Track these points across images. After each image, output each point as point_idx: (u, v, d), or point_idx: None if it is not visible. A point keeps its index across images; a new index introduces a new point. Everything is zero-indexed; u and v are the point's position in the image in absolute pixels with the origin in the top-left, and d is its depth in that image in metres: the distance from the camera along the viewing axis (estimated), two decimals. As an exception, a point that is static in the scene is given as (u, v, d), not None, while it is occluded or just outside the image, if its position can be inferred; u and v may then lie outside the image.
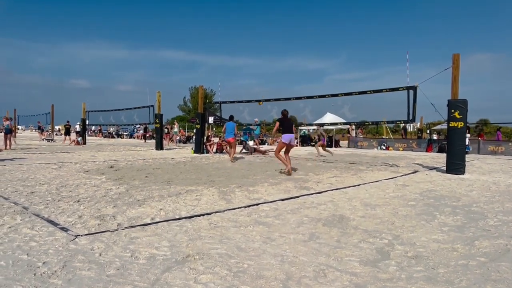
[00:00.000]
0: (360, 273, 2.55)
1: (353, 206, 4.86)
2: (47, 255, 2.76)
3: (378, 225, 3.88)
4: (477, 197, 5.66)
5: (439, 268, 2.66)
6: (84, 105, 22.90)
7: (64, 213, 4.11)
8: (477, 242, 3.31)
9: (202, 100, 16.11)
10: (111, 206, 4.47)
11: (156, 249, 2.95)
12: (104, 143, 24.80)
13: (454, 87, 8.97)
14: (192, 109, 51.02)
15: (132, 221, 3.83)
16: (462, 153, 8.89)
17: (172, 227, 3.62)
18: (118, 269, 2.52)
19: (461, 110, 8.71)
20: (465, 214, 4.46)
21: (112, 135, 38.49)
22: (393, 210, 4.62)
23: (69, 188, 5.74)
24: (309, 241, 3.27)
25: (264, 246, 3.11)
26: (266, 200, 5.12)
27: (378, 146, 22.72)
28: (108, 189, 5.71)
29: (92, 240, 3.14)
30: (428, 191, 6.22)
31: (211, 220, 3.95)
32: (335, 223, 3.94)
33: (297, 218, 4.13)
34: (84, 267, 2.54)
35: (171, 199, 4.99)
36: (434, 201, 5.27)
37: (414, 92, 9.66)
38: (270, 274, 2.49)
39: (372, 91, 10.86)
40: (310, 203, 5.00)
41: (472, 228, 3.83)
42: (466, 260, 2.85)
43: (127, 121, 21.24)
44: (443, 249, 3.11)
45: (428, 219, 4.20)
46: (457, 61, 8.98)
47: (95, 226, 3.60)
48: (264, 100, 14.18)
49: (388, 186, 6.74)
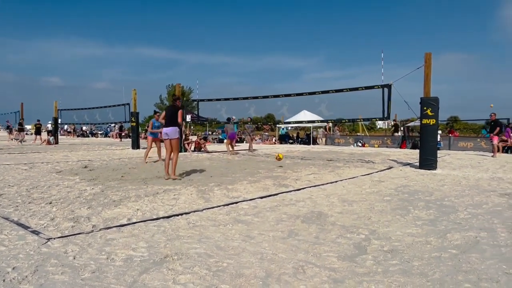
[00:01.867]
0: (338, 268, 2.59)
1: (331, 202, 4.93)
2: (17, 259, 2.65)
3: (355, 221, 3.95)
4: (449, 192, 5.87)
5: (414, 261, 2.74)
6: (56, 103, 22.09)
7: (35, 215, 3.95)
8: (449, 235, 3.44)
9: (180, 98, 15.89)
10: (85, 207, 4.34)
11: (133, 251, 2.89)
12: (78, 142, 24.05)
13: (426, 85, 9.26)
14: (169, 107, 50.28)
15: (107, 222, 3.73)
16: (434, 149, 9.20)
17: (150, 228, 3.55)
18: (94, 272, 2.45)
19: (433, 107, 9.01)
20: (438, 208, 4.61)
21: (85, 134, 37.38)
22: (370, 206, 4.72)
23: (40, 190, 5.53)
24: (288, 238, 3.29)
25: (244, 244, 3.10)
26: (245, 198, 5.12)
27: (354, 143, 23.17)
28: (82, 190, 5.54)
29: (66, 243, 3.04)
30: (402, 186, 6.40)
31: (190, 219, 3.90)
32: (313, 219, 3.99)
33: (276, 215, 4.15)
34: (57, 271, 2.45)
35: (149, 199, 4.90)
36: (408, 196, 5.43)
37: (388, 90, 9.90)
38: (249, 272, 2.49)
39: (349, 89, 11.05)
40: (289, 200, 5.03)
41: (444, 221, 3.97)
42: (439, 252, 2.95)
43: (101, 120, 20.65)
44: (417, 243, 3.20)
45: (403, 213, 4.32)
46: (429, 60, 9.27)
47: (68, 228, 3.48)
48: (242, 98, 14.15)
49: (365, 182, 6.89)
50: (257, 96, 13.69)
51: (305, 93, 12.23)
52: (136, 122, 16.82)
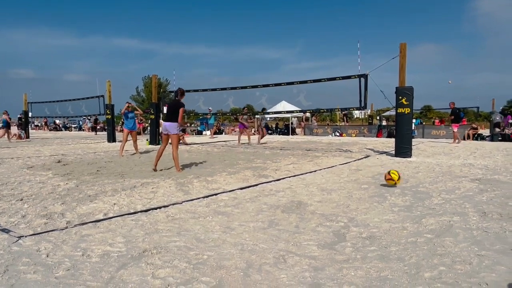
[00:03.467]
0: (318, 257, 2.62)
1: (310, 191, 4.97)
2: (-15, 260, 2.52)
3: (334, 209, 4.00)
4: (423, 178, 6.04)
5: (391, 247, 2.80)
6: (25, 96, 21.17)
7: (5, 213, 3.78)
8: (424, 220, 3.54)
9: (156, 89, 15.57)
10: (59, 203, 4.19)
11: (110, 246, 2.81)
12: (50, 136, 23.20)
13: (401, 75, 9.44)
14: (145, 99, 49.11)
15: (83, 218, 3.62)
16: (409, 138, 9.44)
17: (127, 222, 3.47)
18: (68, 270, 2.36)
19: (407, 97, 9.21)
20: (413, 195, 4.74)
21: (58, 128, 36.12)
22: (348, 194, 4.80)
23: (10, 186, 5.29)
24: (269, 228, 3.30)
25: (224, 236, 3.08)
26: (224, 189, 5.08)
27: (332, 133, 23.49)
28: (56, 185, 5.35)
29: (38, 241, 2.92)
30: (379, 174, 6.53)
31: (169, 212, 3.84)
32: (293, 209, 4.01)
33: (256, 206, 4.15)
34: (29, 270, 2.35)
35: (126, 193, 4.78)
36: (385, 184, 5.55)
37: (365, 80, 10.03)
38: (230, 264, 2.48)
39: (326, 79, 11.12)
40: (269, 190, 5.04)
41: (419, 207, 4.08)
42: (415, 237, 3.03)
43: (74, 113, 19.96)
44: (394, 229, 3.28)
45: (380, 200, 4.41)
46: (404, 50, 9.44)
47: (41, 225, 3.35)
48: (220, 89, 14.00)
49: (343, 171, 6.99)
50: (236, 87, 13.59)
51: (284, 83, 12.23)
52: (112, 115, 16.37)
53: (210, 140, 18.47)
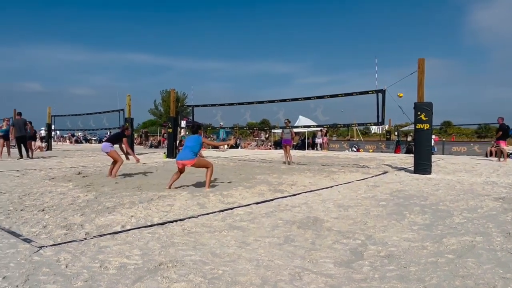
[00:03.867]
0: (335, 275, 2.57)
1: (327, 207, 4.91)
2: (8, 268, 2.59)
3: (351, 226, 3.94)
4: (443, 196, 5.88)
5: (411, 267, 2.73)
6: (49, 109, 21.93)
7: (27, 223, 3.89)
8: (445, 239, 3.43)
9: (174, 103, 15.87)
10: (78, 215, 4.28)
11: (127, 258, 2.84)
12: (71, 148, 23.85)
13: (419, 91, 9.33)
14: (163, 113, 50.06)
15: (101, 229, 3.68)
16: (429, 154, 9.25)
17: (144, 235, 3.51)
18: (86, 281, 2.40)
19: (426, 112, 9.07)
20: (433, 213, 4.62)
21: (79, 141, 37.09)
22: (365, 211, 4.72)
23: (33, 197, 5.45)
24: (284, 244, 3.27)
25: (239, 251, 3.07)
26: (240, 204, 5.08)
27: (349, 148, 23.25)
28: (76, 197, 5.47)
29: (58, 251, 2.98)
30: (397, 191, 6.40)
31: (185, 226, 3.86)
32: (309, 225, 3.97)
33: (272, 221, 4.12)
34: (49, 280, 2.40)
35: (143, 206, 4.84)
36: (403, 201, 5.43)
37: (382, 95, 9.96)
38: (245, 280, 2.46)
39: (343, 95, 11.10)
40: (285, 205, 5.01)
41: (440, 226, 3.97)
42: (436, 257, 2.94)
43: (96, 126, 20.50)
44: (414, 248, 3.19)
45: (399, 218, 4.31)
46: (422, 65, 9.36)
47: (61, 236, 3.42)
48: (237, 104, 14.15)
49: (360, 187, 6.89)
50: (252, 102, 13.72)
51: (301, 98, 12.27)
52: (131, 128, 16.72)
53: (227, 153, 18.57)
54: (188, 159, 6.38)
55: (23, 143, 13.65)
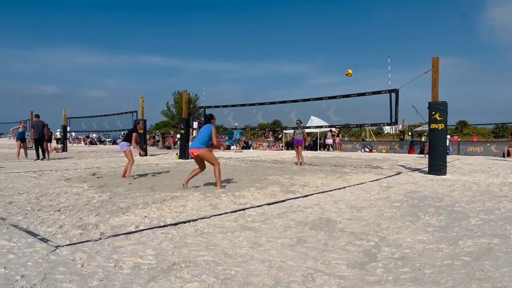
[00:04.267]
0: (348, 276, 2.55)
1: (339, 208, 4.88)
2: (26, 267, 2.65)
3: (364, 227, 3.90)
4: (459, 197, 5.77)
5: (425, 269, 2.69)
6: (65, 111, 22.39)
7: (44, 223, 3.97)
8: (461, 241, 3.37)
9: (186, 105, 15.99)
10: (93, 215, 4.35)
11: (141, 258, 2.88)
12: (86, 150, 24.28)
13: (434, 90, 9.18)
14: (176, 114, 50.48)
15: (115, 229, 3.73)
16: (443, 154, 9.09)
17: (157, 235, 3.54)
18: (101, 280, 2.44)
19: (441, 112, 8.92)
20: (448, 214, 4.54)
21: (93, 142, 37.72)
22: (379, 212, 4.66)
23: (49, 197, 5.57)
24: (297, 245, 3.26)
25: (252, 251, 3.08)
26: (252, 205, 5.09)
27: (361, 148, 23.03)
28: (91, 197, 5.57)
29: (74, 251, 3.04)
30: (411, 192, 6.31)
31: (197, 226, 3.89)
32: (322, 226, 3.94)
33: (284, 222, 4.11)
34: (65, 279, 2.44)
35: (156, 206, 4.90)
36: (418, 202, 5.35)
37: (396, 95, 9.83)
38: (258, 280, 2.46)
39: (356, 95, 11.01)
40: (297, 206, 4.99)
41: (456, 228, 3.90)
42: (451, 259, 2.89)
43: (110, 127, 20.84)
44: (429, 250, 3.14)
45: (413, 220, 4.25)
46: (436, 64, 9.21)
47: (76, 236, 3.49)
48: (249, 105, 14.18)
49: (373, 188, 6.81)
50: (264, 103, 13.71)
51: (312, 99, 12.21)
52: (144, 129, 16.93)
53: (236, 155, 18.62)
54: (195, 148, 6.29)
55: (41, 144, 13.96)
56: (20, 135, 14.43)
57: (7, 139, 37.73)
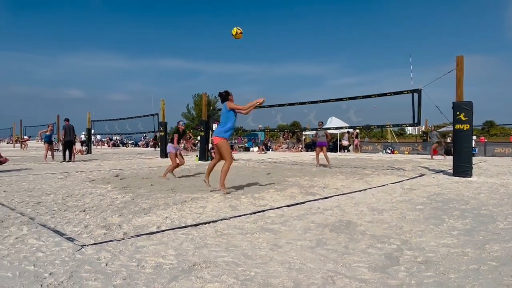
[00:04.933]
0: (369, 280, 2.51)
1: (360, 211, 4.81)
2: (53, 265, 2.76)
3: (386, 230, 3.83)
4: (486, 200, 5.58)
5: (450, 273, 2.61)
6: (89, 114, 23.09)
7: (70, 223, 4.11)
8: (487, 246, 3.26)
9: (206, 107, 16.16)
10: (117, 215, 4.47)
11: (163, 258, 2.93)
12: (109, 152, 24.91)
13: (458, 89, 8.92)
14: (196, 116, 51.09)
15: (138, 229, 3.82)
16: (469, 156, 8.80)
17: (178, 235, 3.60)
18: (125, 279, 2.50)
19: (466, 112, 8.65)
20: (474, 218, 4.39)
21: (116, 144, 38.67)
22: (401, 215, 4.57)
23: (75, 198, 5.75)
24: (317, 248, 3.24)
25: (271, 253, 3.08)
26: (272, 206, 5.09)
27: (383, 150, 22.60)
28: (114, 198, 5.71)
29: (98, 250, 3.13)
30: (435, 194, 6.15)
31: (217, 227, 3.93)
32: (342, 228, 3.90)
33: (304, 224, 4.10)
34: (90, 277, 2.52)
35: (177, 207, 4.97)
36: (442, 205, 5.21)
37: (418, 95, 9.61)
38: (277, 282, 2.46)
39: (377, 95, 10.83)
40: (316, 208, 4.96)
41: (482, 231, 3.77)
42: (477, 264, 2.80)
43: (132, 130, 21.32)
44: (453, 254, 3.06)
45: (437, 223, 4.14)
46: (460, 63, 8.95)
47: (101, 235, 3.59)
48: (268, 106, 14.19)
49: (395, 190, 6.68)
50: (283, 104, 13.70)
51: (332, 100, 12.10)
52: (165, 132, 17.24)
53: (258, 156, 18.64)
54: (216, 135, 5.80)
55: (69, 147, 14.41)
56: (47, 138, 14.98)
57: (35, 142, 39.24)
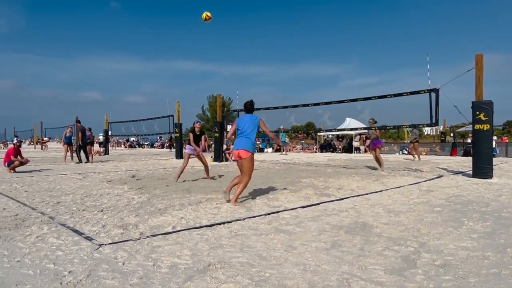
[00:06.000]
0: (385, 283, 2.47)
1: (376, 212, 4.74)
2: (72, 264, 2.82)
3: (402, 232, 3.77)
4: (507, 202, 5.42)
5: (470, 277, 2.55)
6: (106, 116, 23.52)
7: (88, 222, 4.20)
8: (509, 249, 3.16)
9: (220, 108, 16.25)
10: (133, 215, 4.54)
11: (178, 258, 2.96)
12: (126, 153, 25.33)
13: (478, 89, 8.69)
14: (210, 118, 51.41)
15: (154, 230, 3.87)
16: (489, 157, 8.56)
17: (193, 236, 3.63)
18: (141, 278, 2.54)
19: (486, 111, 8.43)
20: (495, 220, 4.27)
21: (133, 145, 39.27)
22: (418, 217, 4.48)
23: (93, 198, 5.87)
24: (332, 249, 3.21)
25: (286, 254, 3.07)
26: (286, 207, 5.08)
27: (399, 150, 22.22)
28: (130, 199, 5.81)
29: (116, 249, 3.19)
30: (454, 196, 6.01)
31: (232, 228, 3.94)
32: (357, 230, 3.86)
33: (319, 225, 4.07)
34: (108, 276, 2.57)
35: (192, 208, 5.02)
36: (461, 207, 5.09)
37: (436, 94, 9.42)
38: (292, 284, 2.45)
39: (392, 95, 10.67)
40: (331, 210, 4.92)
41: (504, 234, 3.66)
42: (498, 268, 2.72)
43: (147, 131, 21.63)
44: (473, 257, 2.98)
45: (456, 225, 4.05)
46: (480, 61, 8.72)
47: (118, 235, 3.65)
48: (282, 107, 14.16)
49: (412, 191, 6.56)
50: (297, 105, 13.64)
51: (347, 100, 11.99)
52: (180, 133, 17.41)
53: (272, 157, 18.62)
54: (243, 148, 5.16)
55: (84, 148, 14.73)
56: (67, 139, 15.33)
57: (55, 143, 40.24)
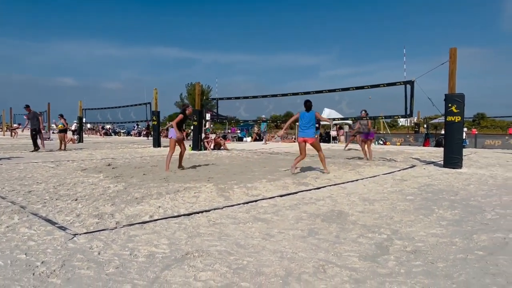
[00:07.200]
0: (359, 269, 2.56)
1: (352, 201, 4.86)
2: (45, 254, 2.75)
3: (376, 220, 3.89)
4: (475, 191, 5.68)
5: (438, 263, 2.67)
6: (80, 102, 22.77)
7: (62, 212, 4.09)
8: (475, 236, 3.33)
9: (199, 96, 16.06)
10: (109, 204, 4.46)
11: (155, 247, 2.94)
12: (101, 141, 24.70)
13: (451, 81, 8.98)
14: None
15: (130, 219, 3.82)
16: (460, 147, 8.92)
17: (171, 225, 3.61)
18: (117, 268, 2.51)
19: (458, 104, 8.73)
20: (463, 208, 4.48)
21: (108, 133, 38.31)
22: (392, 205, 4.63)
23: (66, 187, 5.71)
24: (308, 237, 3.28)
25: (264, 242, 3.11)
26: (264, 196, 5.12)
27: (375, 141, 22.77)
28: (106, 187, 5.69)
29: (91, 239, 3.13)
30: (426, 185, 6.24)
31: (210, 217, 3.94)
32: (333, 218, 3.95)
33: (296, 214, 4.13)
34: (83, 266, 2.53)
35: (170, 197, 4.98)
36: (432, 196, 5.29)
37: (411, 86, 9.67)
38: (269, 271, 2.49)
39: (370, 86, 10.87)
40: (309, 199, 5.00)
41: (470, 222, 3.85)
42: (465, 254, 2.86)
43: (124, 119, 21.13)
44: (442, 243, 3.12)
45: (427, 213, 4.21)
46: (454, 55, 8.99)
47: (93, 224, 3.58)
48: (261, 96, 14.16)
49: (386, 181, 6.76)
50: (276, 94, 13.68)
51: (325, 91, 12.12)
52: (158, 121, 17.11)
53: (251, 146, 18.65)
54: (310, 136, 7.39)
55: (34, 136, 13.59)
56: None
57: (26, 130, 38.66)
